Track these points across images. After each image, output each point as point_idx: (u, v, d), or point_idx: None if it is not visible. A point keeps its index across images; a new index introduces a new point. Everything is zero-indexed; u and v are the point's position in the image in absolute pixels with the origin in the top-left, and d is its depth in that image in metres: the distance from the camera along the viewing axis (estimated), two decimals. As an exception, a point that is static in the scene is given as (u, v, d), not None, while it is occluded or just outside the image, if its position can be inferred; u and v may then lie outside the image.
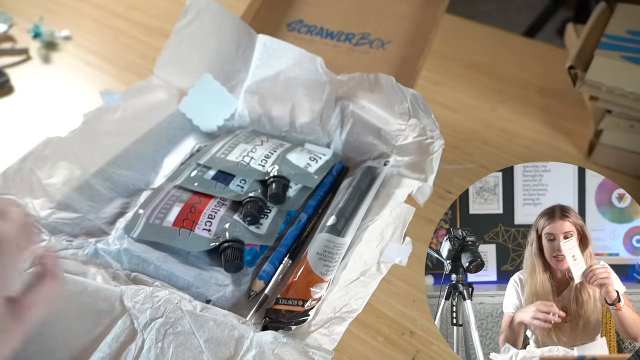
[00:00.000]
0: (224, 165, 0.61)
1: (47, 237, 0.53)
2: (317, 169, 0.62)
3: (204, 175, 0.61)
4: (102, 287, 0.46)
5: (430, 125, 0.59)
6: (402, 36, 0.71)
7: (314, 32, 0.75)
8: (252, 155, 0.62)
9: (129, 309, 0.45)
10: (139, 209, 0.57)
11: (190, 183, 0.60)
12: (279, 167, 0.60)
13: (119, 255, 0.53)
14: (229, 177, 0.61)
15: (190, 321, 0.44)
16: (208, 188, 0.59)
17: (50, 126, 0.62)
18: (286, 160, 0.61)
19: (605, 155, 0.75)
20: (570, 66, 0.71)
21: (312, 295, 0.49)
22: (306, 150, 0.65)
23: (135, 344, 0.43)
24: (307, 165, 0.62)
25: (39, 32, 0.94)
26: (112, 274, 0.51)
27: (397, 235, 0.51)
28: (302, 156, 0.63)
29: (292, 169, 0.61)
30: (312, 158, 0.63)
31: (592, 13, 0.81)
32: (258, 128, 0.70)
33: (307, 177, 0.61)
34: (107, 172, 0.62)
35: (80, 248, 0.53)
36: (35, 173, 0.57)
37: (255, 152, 0.62)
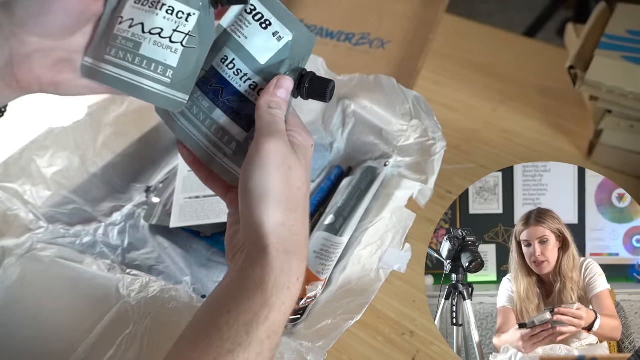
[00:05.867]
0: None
1: (45, 225, 0.53)
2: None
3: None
4: (98, 275, 0.47)
5: (432, 127, 0.59)
6: (402, 36, 0.71)
7: (314, 32, 0.75)
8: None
9: (124, 297, 0.45)
10: (154, 197, 0.58)
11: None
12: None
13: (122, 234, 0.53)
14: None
15: (185, 312, 0.44)
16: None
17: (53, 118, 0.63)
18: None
19: (605, 155, 0.75)
20: (570, 66, 0.71)
21: (307, 294, 0.49)
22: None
23: (129, 331, 0.43)
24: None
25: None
26: (108, 265, 0.51)
27: (397, 241, 0.51)
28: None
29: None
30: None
31: (592, 13, 0.81)
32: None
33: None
34: (107, 165, 0.62)
35: (77, 237, 0.53)
36: (36, 162, 0.58)
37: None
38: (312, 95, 0.41)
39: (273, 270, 0.35)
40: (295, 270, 0.36)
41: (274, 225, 0.36)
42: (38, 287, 0.48)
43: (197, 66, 0.42)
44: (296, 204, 0.37)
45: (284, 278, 0.35)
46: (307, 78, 0.41)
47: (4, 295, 0.46)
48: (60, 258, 0.50)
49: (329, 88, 0.41)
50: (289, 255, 0.36)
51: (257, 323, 0.33)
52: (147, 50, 0.40)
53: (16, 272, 0.48)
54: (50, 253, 0.50)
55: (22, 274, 0.48)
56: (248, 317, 0.33)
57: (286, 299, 0.35)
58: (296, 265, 0.36)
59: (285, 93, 0.40)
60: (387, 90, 0.62)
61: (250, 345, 0.33)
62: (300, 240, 0.37)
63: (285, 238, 0.36)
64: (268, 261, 0.35)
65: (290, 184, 0.37)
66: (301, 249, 0.37)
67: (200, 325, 0.34)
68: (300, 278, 0.37)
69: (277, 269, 0.35)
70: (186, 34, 0.40)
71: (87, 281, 0.47)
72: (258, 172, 0.36)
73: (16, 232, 0.53)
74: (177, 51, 0.41)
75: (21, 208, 0.55)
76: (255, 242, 0.36)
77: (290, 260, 0.36)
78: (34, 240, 0.51)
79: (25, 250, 0.50)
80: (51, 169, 0.58)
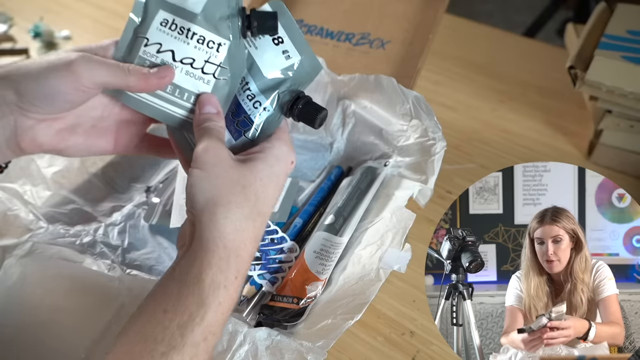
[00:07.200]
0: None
1: (45, 225, 0.53)
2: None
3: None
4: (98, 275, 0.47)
5: (432, 127, 0.59)
6: (402, 36, 0.71)
7: (314, 32, 0.75)
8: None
9: (124, 297, 0.45)
10: (154, 197, 0.58)
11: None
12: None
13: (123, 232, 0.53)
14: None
15: None
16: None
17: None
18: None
19: (605, 155, 0.75)
20: (570, 66, 0.71)
21: (307, 294, 0.49)
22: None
23: None
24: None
25: (39, 32, 0.94)
26: (108, 265, 0.51)
27: (397, 242, 0.51)
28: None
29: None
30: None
31: (592, 13, 0.81)
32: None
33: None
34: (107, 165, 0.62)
35: (77, 237, 0.54)
36: (35, 162, 0.58)
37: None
38: (302, 118, 0.42)
39: (210, 267, 0.34)
40: (233, 267, 0.35)
41: (215, 220, 0.36)
42: (38, 287, 0.48)
43: (228, 97, 0.42)
44: (243, 201, 0.37)
45: (221, 275, 0.35)
46: (302, 101, 0.42)
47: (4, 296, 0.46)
48: (60, 258, 0.50)
49: (319, 115, 0.42)
50: (227, 251, 0.35)
51: (193, 325, 0.33)
52: (179, 79, 0.40)
53: (16, 272, 0.48)
54: (50, 253, 0.50)
55: (22, 274, 0.48)
56: (184, 319, 0.33)
57: (223, 299, 0.35)
58: (234, 262, 0.35)
59: (212, 107, 0.40)
60: (387, 90, 0.62)
61: (185, 347, 0.33)
62: (245, 238, 0.36)
63: (226, 232, 0.35)
64: (206, 256, 0.35)
65: (234, 181, 0.37)
66: (243, 246, 0.36)
67: (137, 325, 0.34)
68: (239, 277, 0.36)
69: (214, 266, 0.34)
70: (218, 65, 0.40)
71: (87, 281, 0.47)
72: (197, 171, 0.37)
73: (16, 232, 0.53)
74: (210, 83, 0.41)
75: (21, 208, 0.55)
76: (196, 235, 0.36)
77: (229, 257, 0.35)
78: (34, 241, 0.51)
79: (25, 250, 0.50)
80: (51, 169, 0.58)
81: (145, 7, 0.40)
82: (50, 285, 0.47)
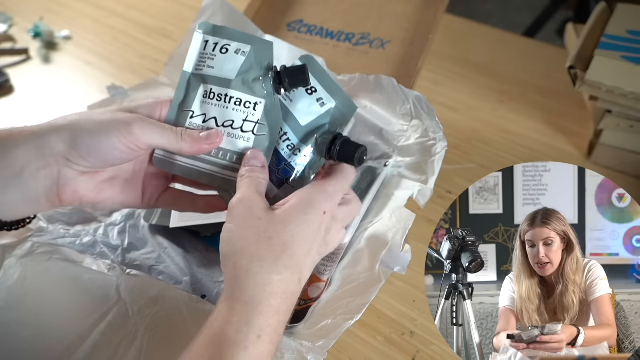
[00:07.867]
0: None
1: (45, 225, 0.53)
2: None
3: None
4: (98, 275, 0.47)
5: (433, 127, 0.59)
6: (402, 36, 0.71)
7: (314, 32, 0.75)
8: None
9: (124, 297, 0.45)
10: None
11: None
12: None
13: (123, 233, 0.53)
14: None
15: (186, 312, 0.44)
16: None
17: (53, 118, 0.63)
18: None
19: (605, 155, 0.75)
20: (570, 66, 0.71)
21: (309, 295, 0.49)
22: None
23: (129, 332, 0.43)
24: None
25: (39, 32, 0.94)
26: (109, 265, 0.51)
27: (397, 242, 0.51)
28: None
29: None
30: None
31: (592, 13, 0.81)
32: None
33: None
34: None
35: (77, 237, 0.54)
36: None
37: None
38: (341, 158, 0.43)
39: (230, 324, 0.33)
40: (255, 326, 0.33)
41: (236, 275, 0.35)
42: (38, 288, 0.48)
43: (269, 151, 0.43)
44: (267, 253, 0.35)
45: (239, 336, 0.33)
46: (339, 141, 0.43)
47: (4, 296, 0.46)
48: (60, 258, 0.50)
49: (358, 152, 0.42)
50: (247, 307, 0.34)
51: None
52: (222, 142, 0.43)
53: (16, 272, 0.48)
54: (50, 253, 0.50)
55: (23, 275, 0.48)
56: None
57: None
58: (256, 320, 0.33)
59: (257, 161, 0.41)
60: (388, 90, 0.62)
61: None
62: (268, 293, 0.34)
63: (245, 287, 0.34)
64: (226, 313, 0.34)
65: (261, 232, 0.36)
66: (266, 302, 0.34)
67: None
68: (264, 336, 0.34)
69: (234, 324, 0.33)
70: (255, 122, 0.42)
71: (87, 281, 0.47)
72: (228, 225, 0.37)
73: (16, 232, 0.53)
74: (250, 140, 0.43)
75: (21, 208, 0.55)
76: (223, 288, 0.36)
77: (249, 314, 0.33)
78: (34, 241, 0.51)
79: (25, 250, 0.50)
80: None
81: (188, 84, 0.43)
82: (51, 285, 0.47)
